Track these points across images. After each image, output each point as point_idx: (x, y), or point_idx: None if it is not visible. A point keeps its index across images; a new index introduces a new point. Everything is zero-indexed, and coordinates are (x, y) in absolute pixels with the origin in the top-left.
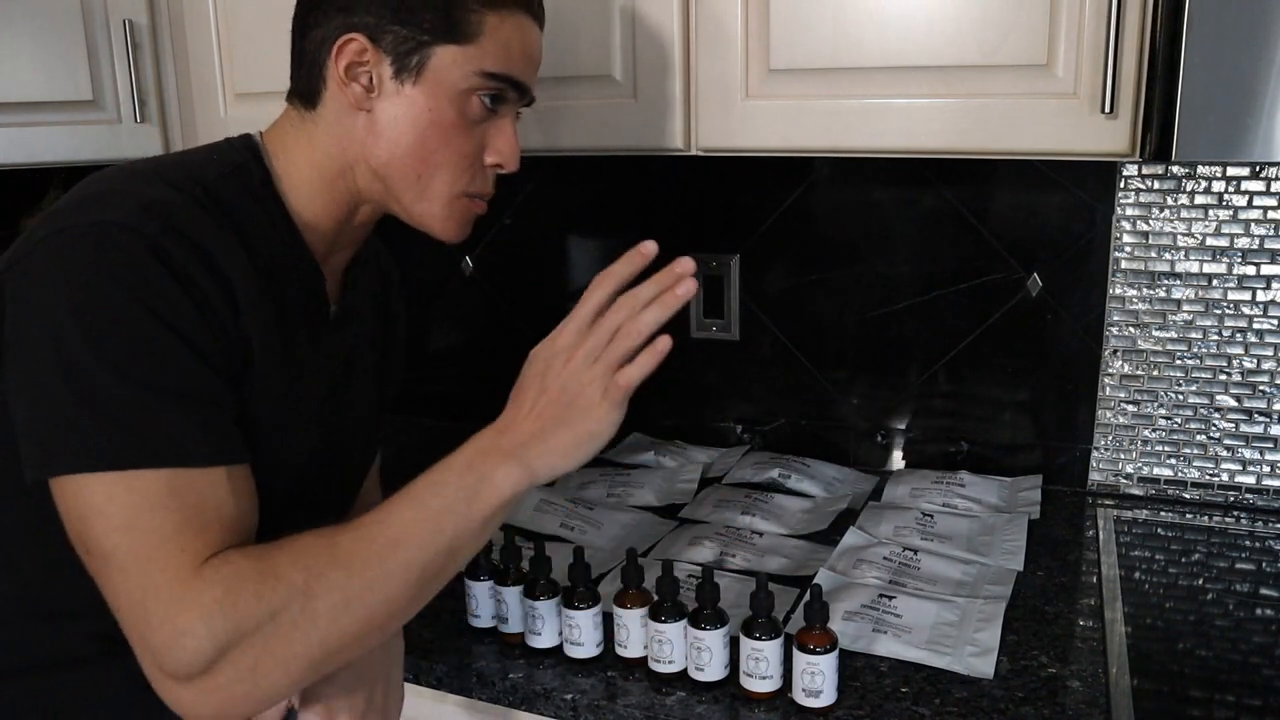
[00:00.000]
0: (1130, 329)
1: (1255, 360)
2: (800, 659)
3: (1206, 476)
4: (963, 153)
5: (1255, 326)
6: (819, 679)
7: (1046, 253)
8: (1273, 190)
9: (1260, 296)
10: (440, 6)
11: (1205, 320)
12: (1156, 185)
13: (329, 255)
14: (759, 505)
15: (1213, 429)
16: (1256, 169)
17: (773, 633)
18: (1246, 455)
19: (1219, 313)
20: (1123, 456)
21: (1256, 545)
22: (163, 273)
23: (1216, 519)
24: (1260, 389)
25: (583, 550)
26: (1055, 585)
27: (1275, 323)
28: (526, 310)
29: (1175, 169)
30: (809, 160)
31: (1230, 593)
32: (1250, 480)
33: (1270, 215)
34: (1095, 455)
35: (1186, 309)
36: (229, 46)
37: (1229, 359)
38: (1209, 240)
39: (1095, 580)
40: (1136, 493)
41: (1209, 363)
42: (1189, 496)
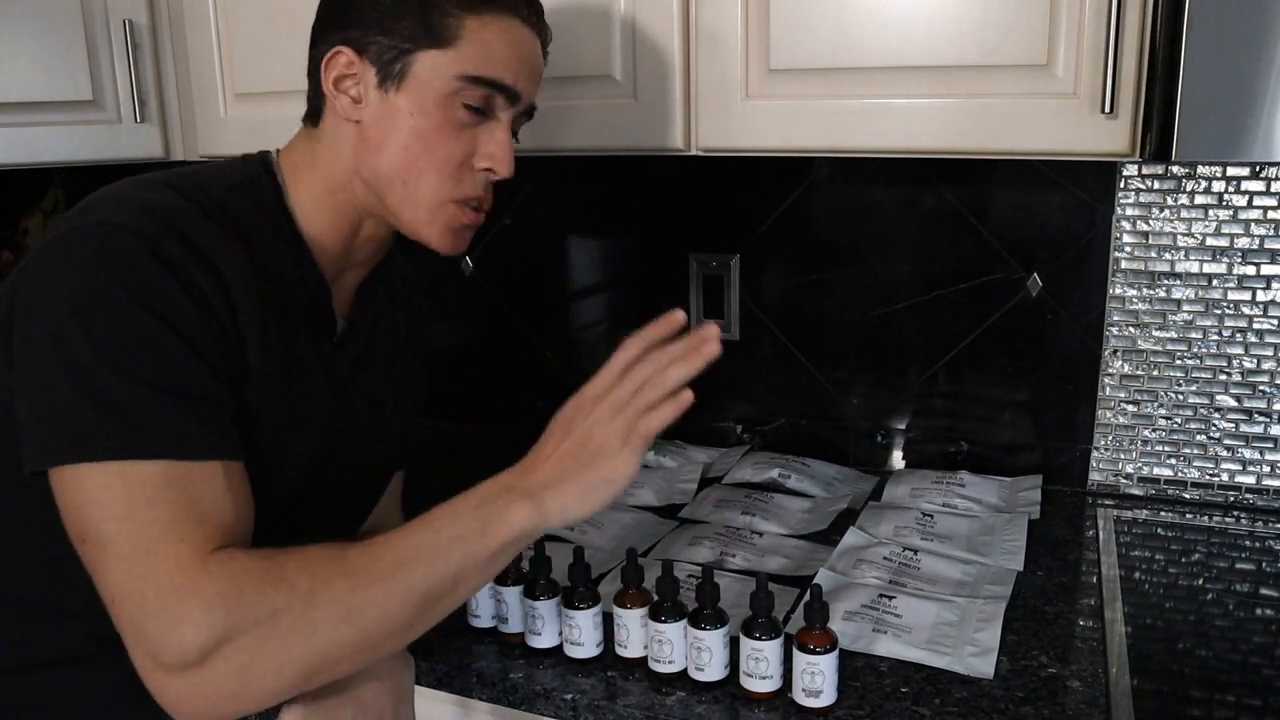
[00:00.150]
0: (1130, 329)
1: (1255, 360)
2: (800, 659)
3: (1206, 476)
4: (963, 153)
5: (1255, 326)
6: (819, 679)
7: (1046, 253)
8: (1273, 190)
9: (1260, 296)
10: (420, 13)
11: (1205, 320)
12: (1156, 185)
13: (340, 272)
14: (759, 505)
15: (1213, 429)
16: (1256, 169)
17: (773, 633)
18: (1246, 455)
19: (1219, 313)
20: (1123, 456)
21: (1256, 545)
22: (163, 273)
23: (1216, 519)
24: (1260, 389)
25: (583, 550)
26: (1055, 585)
27: (1275, 323)
28: (526, 310)
29: (1175, 169)
30: (809, 160)
31: (1230, 593)
32: (1250, 480)
33: (1270, 215)
34: (1095, 455)
35: (1186, 309)
36: (229, 46)
37: (1229, 359)
38: (1209, 240)
39: (1095, 580)
40: (1136, 493)
41: (1209, 363)
42: (1189, 496)
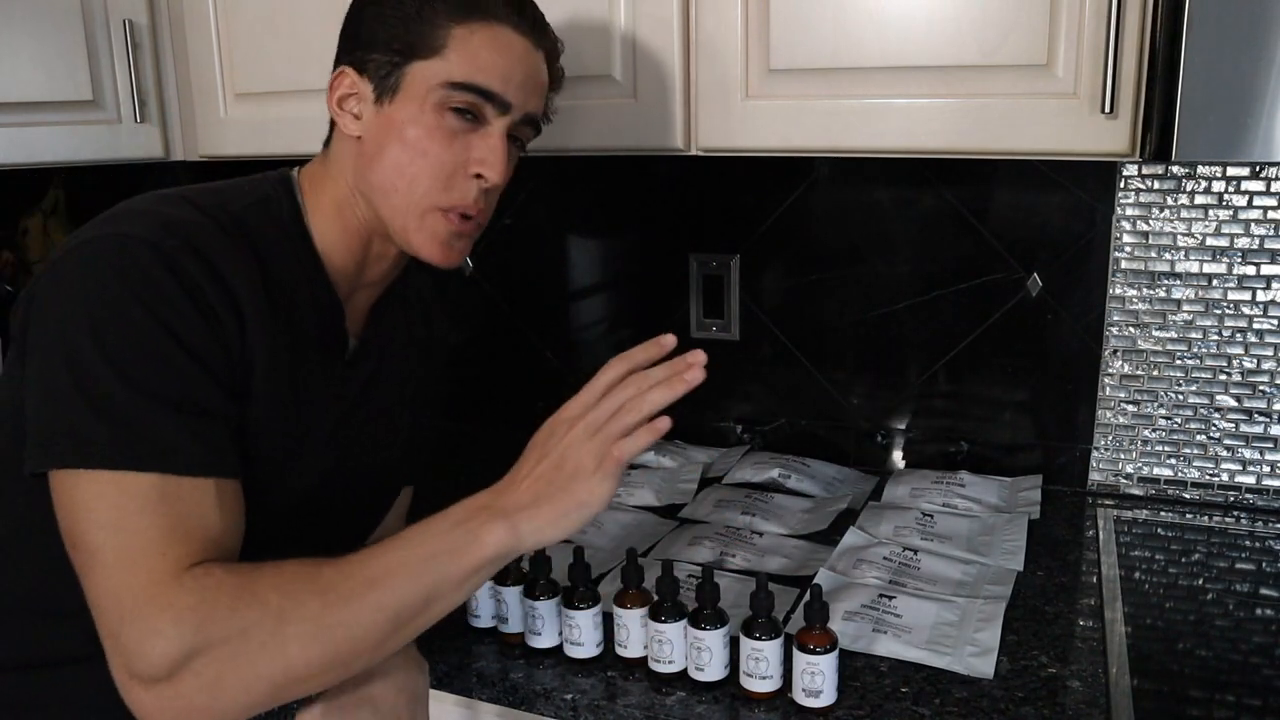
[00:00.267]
0: (1130, 329)
1: (1255, 360)
2: (800, 659)
3: (1206, 476)
4: (963, 153)
5: (1255, 326)
6: (819, 679)
7: (1046, 253)
8: (1273, 190)
9: (1260, 296)
10: (410, 26)
11: (1205, 320)
12: (1156, 185)
13: (354, 290)
14: (759, 505)
15: (1213, 429)
16: (1256, 169)
17: (773, 633)
18: (1246, 455)
19: (1219, 313)
20: (1123, 456)
21: (1256, 545)
22: (174, 285)
23: (1216, 519)
24: (1260, 389)
25: (583, 550)
26: (1055, 585)
27: (1275, 323)
28: (527, 310)
29: (1175, 169)
30: (809, 160)
31: (1230, 593)
32: (1250, 480)
33: (1270, 215)
34: (1095, 455)
35: (1186, 309)
36: (229, 46)
37: (1229, 359)
38: (1209, 240)
39: (1095, 580)
40: (1136, 493)
41: (1209, 363)
42: (1189, 496)
